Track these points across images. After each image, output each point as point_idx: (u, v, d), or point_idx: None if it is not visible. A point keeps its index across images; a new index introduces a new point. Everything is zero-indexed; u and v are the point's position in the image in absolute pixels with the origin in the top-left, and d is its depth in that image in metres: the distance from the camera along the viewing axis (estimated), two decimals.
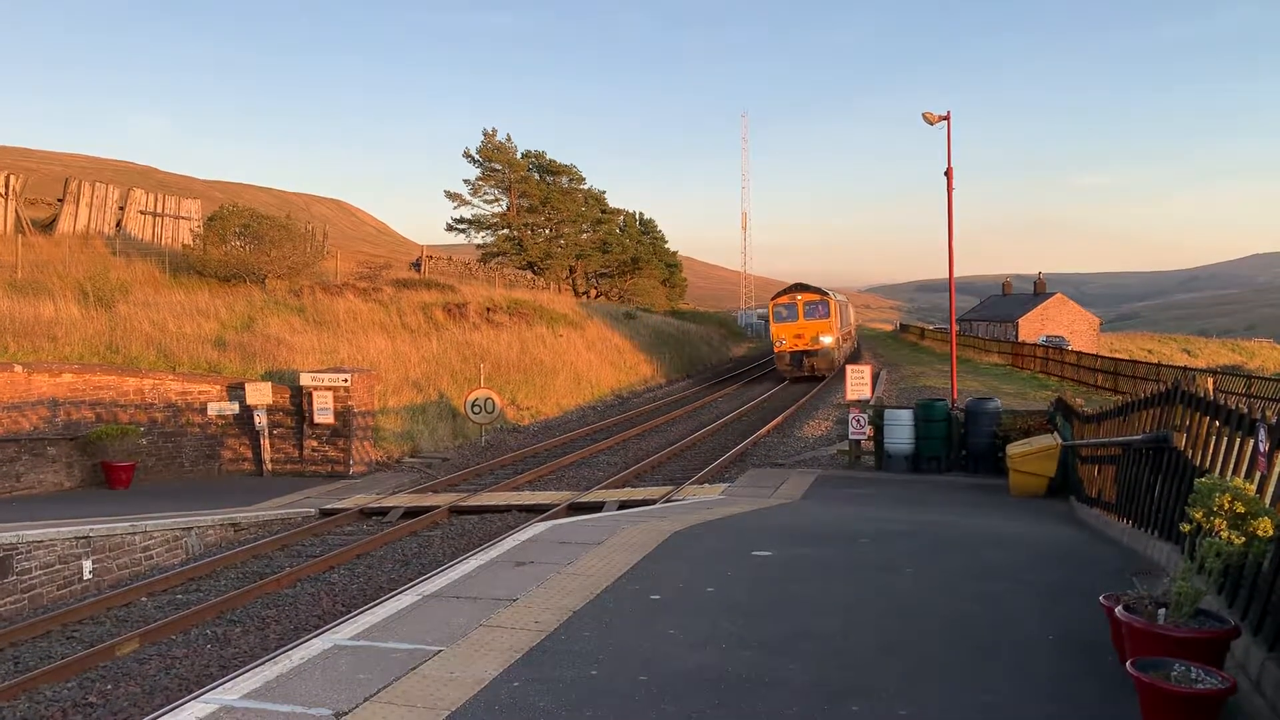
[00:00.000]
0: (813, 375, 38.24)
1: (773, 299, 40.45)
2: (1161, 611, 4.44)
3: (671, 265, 78.52)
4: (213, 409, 19.11)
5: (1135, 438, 8.90)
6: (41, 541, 11.63)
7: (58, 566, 11.83)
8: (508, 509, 15.30)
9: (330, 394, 19.32)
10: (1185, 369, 27.83)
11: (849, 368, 18.78)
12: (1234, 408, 6.14)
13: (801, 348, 38.53)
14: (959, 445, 16.38)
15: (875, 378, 30.99)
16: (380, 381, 21.83)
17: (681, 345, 49.17)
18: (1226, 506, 4.46)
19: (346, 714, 4.71)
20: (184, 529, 13.82)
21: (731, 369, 49.30)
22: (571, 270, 63.99)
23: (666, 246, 78.49)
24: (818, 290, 39.71)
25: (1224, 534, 4.46)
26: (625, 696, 4.89)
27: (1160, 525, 7.77)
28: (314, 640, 5.94)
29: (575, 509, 14.59)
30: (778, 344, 39.15)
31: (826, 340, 38.33)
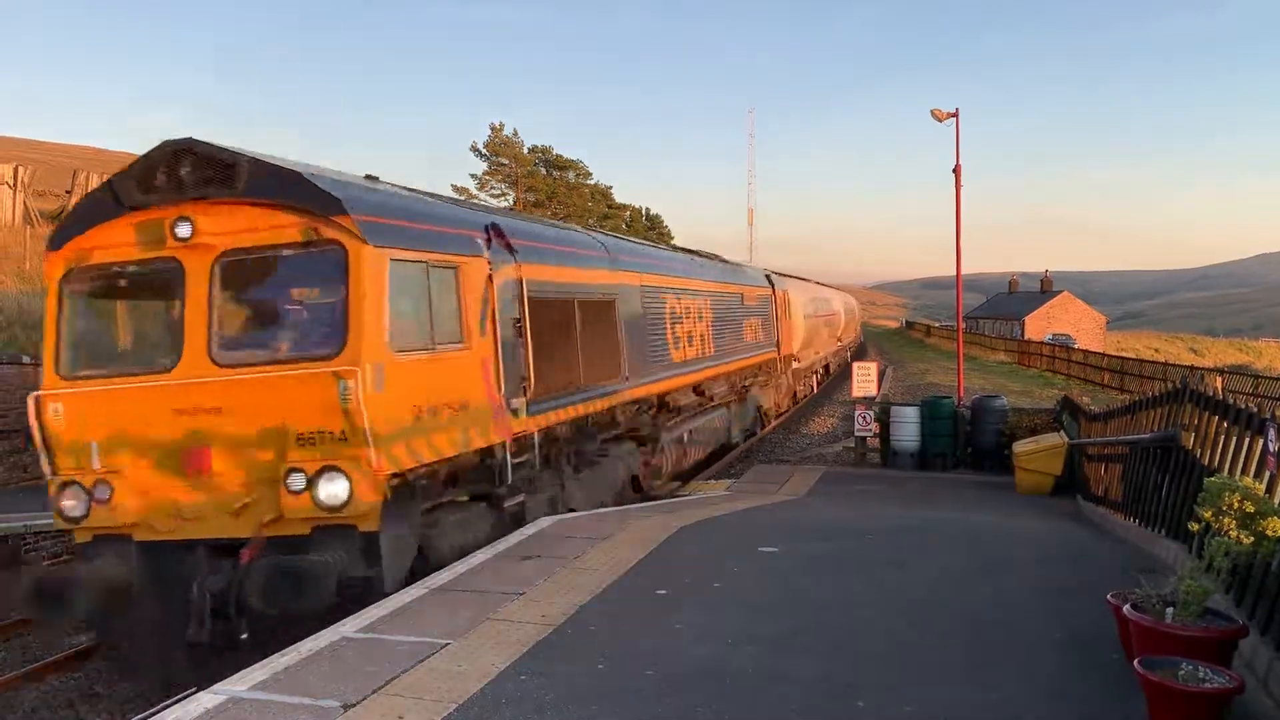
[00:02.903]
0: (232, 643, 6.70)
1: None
2: (1169, 610, 4.44)
3: None
4: None
5: (1143, 436, 8.89)
6: (50, 531, 11.67)
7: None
8: None
9: None
10: (1192, 368, 27.75)
11: (855, 365, 18.51)
12: (1244, 407, 6.14)
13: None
14: (965, 443, 16.35)
15: (881, 375, 30.92)
16: None
17: None
18: (1235, 506, 4.45)
19: (354, 706, 4.73)
20: None
21: None
22: None
23: (673, 242, 78.56)
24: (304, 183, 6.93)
25: (1233, 533, 4.46)
26: (632, 691, 4.90)
27: (1168, 524, 7.76)
28: (322, 632, 5.96)
29: None
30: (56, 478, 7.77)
31: (361, 504, 6.68)
